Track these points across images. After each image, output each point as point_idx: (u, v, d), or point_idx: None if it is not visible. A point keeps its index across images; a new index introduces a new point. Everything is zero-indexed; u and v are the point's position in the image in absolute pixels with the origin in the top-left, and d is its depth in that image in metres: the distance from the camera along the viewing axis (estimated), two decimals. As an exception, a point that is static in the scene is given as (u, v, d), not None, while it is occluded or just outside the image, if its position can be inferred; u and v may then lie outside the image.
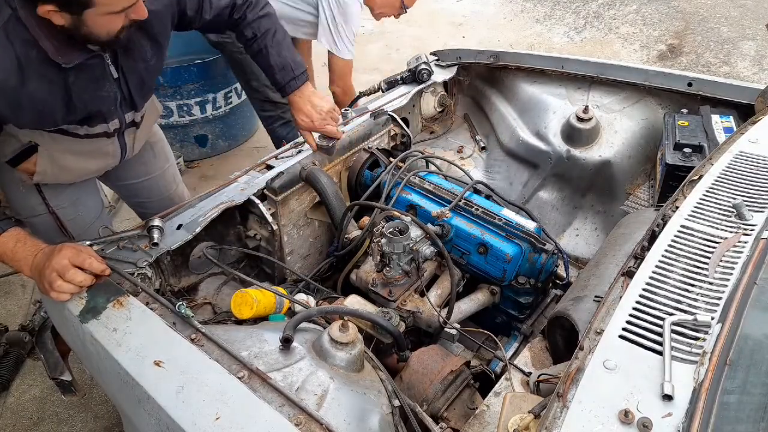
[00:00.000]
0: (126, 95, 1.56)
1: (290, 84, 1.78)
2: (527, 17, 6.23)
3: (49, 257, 1.28)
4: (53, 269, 1.26)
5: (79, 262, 1.28)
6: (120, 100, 1.55)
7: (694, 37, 5.27)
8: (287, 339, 1.17)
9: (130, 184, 2.03)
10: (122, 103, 1.57)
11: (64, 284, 1.26)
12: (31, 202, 1.71)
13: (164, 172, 2.10)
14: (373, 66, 4.86)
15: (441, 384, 1.34)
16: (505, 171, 2.46)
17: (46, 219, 1.74)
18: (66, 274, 1.26)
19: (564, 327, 1.37)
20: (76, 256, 1.28)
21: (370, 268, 1.68)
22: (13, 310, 2.77)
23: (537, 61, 2.46)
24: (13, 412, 2.33)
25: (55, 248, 1.31)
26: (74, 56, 1.34)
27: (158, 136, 2.06)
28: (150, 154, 2.01)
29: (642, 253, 1.21)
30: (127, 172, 1.97)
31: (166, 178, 2.11)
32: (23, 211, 1.74)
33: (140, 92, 1.61)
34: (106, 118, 1.57)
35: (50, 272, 1.26)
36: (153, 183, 2.06)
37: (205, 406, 1.04)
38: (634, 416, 0.87)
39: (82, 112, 1.47)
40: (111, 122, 1.59)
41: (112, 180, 1.99)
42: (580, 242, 2.28)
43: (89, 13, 1.22)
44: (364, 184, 2.00)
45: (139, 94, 1.61)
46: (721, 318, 0.99)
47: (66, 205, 1.76)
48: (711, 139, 1.91)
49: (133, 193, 2.08)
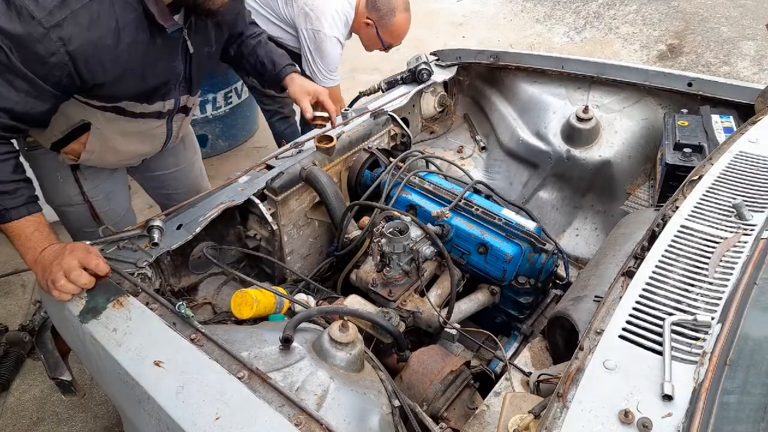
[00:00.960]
0: (188, 75, 1.60)
1: (285, 69, 1.86)
2: (527, 17, 6.23)
3: (59, 255, 1.28)
4: (60, 267, 1.26)
5: (87, 263, 1.28)
6: (182, 79, 1.60)
7: (694, 37, 5.27)
8: (287, 339, 1.17)
9: (159, 175, 2.08)
10: (182, 82, 1.61)
11: (68, 284, 1.26)
12: (68, 191, 1.74)
13: (193, 165, 2.16)
14: (373, 66, 4.87)
15: (441, 384, 1.34)
16: (505, 171, 2.46)
17: (80, 209, 1.78)
18: (71, 274, 1.26)
19: (564, 327, 1.37)
20: (85, 257, 1.29)
21: (370, 268, 1.68)
22: (13, 310, 2.78)
23: (537, 61, 2.47)
24: (13, 412, 2.33)
25: (66, 247, 1.31)
26: (171, 23, 1.39)
27: (188, 129, 2.11)
28: (181, 146, 2.05)
29: (642, 253, 1.21)
30: (159, 162, 2.01)
31: (194, 171, 2.18)
32: (58, 200, 1.78)
33: (199, 76, 1.66)
34: (164, 96, 1.60)
35: (57, 270, 1.26)
36: (182, 174, 2.12)
37: (205, 406, 1.03)
38: (634, 416, 0.87)
39: (152, 83, 1.51)
40: (167, 101, 1.63)
41: (142, 171, 2.04)
42: (580, 242, 2.28)
43: None
44: (364, 184, 2.00)
45: (197, 77, 1.65)
46: (721, 318, 0.99)
47: (100, 197, 1.80)
48: (711, 139, 1.91)
49: (161, 184, 2.13)
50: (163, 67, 1.50)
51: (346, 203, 1.85)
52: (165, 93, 1.60)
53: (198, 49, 1.57)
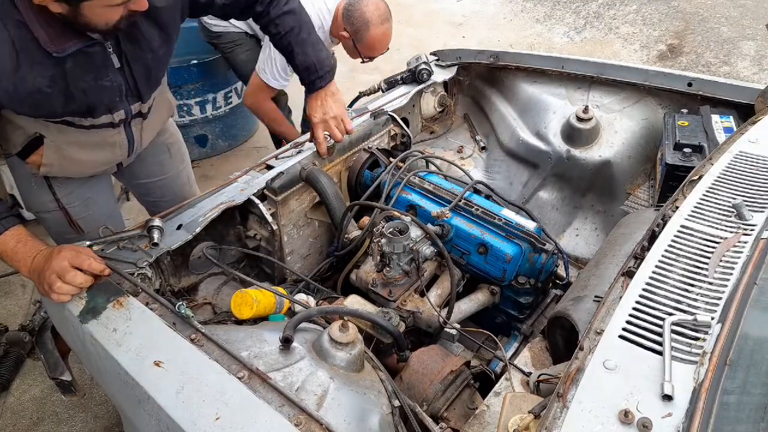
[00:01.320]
0: (131, 85, 1.52)
1: (314, 83, 1.81)
2: (527, 17, 6.23)
3: (48, 259, 1.28)
4: (53, 271, 1.25)
5: (78, 263, 1.28)
6: (125, 91, 1.52)
7: (694, 37, 5.27)
8: (287, 339, 1.17)
9: (144, 183, 2.04)
10: (127, 94, 1.54)
11: (64, 286, 1.26)
12: (42, 198, 1.71)
13: (179, 174, 2.10)
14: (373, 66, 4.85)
15: (441, 384, 1.34)
16: (505, 171, 2.46)
17: (56, 215, 1.74)
18: (66, 276, 1.25)
19: (564, 327, 1.37)
20: (75, 257, 1.28)
21: (370, 268, 1.68)
22: (13, 310, 2.78)
23: (537, 61, 2.46)
24: (13, 412, 2.33)
25: (53, 250, 1.30)
26: (70, 44, 1.29)
27: (175, 138, 2.06)
28: (166, 155, 2.02)
29: (642, 253, 1.21)
30: (142, 171, 1.98)
31: (181, 179, 2.12)
32: (34, 207, 1.75)
33: (146, 83, 1.57)
34: (110, 109, 1.53)
35: (50, 274, 1.26)
36: (167, 183, 2.07)
37: (205, 406, 1.03)
38: (634, 416, 0.87)
39: (81, 102, 1.43)
40: (116, 113, 1.56)
41: (127, 177, 2.01)
42: (580, 242, 2.28)
43: (86, 5, 1.20)
44: (364, 184, 2.00)
45: (145, 84, 1.57)
46: (721, 318, 0.99)
47: (77, 204, 1.76)
48: (711, 139, 1.91)
49: (147, 191, 2.09)
50: (88, 86, 1.40)
51: (346, 203, 1.85)
52: (109, 106, 1.52)
53: (137, 58, 1.47)
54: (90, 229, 1.77)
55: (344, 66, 3.15)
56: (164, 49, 1.55)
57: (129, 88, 1.52)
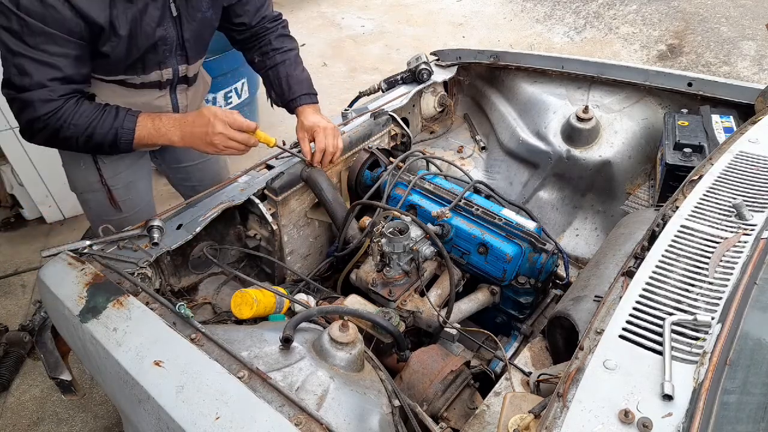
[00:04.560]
0: (181, 42, 1.62)
1: (299, 99, 1.85)
2: (527, 17, 6.24)
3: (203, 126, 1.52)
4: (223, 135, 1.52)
5: (231, 122, 1.52)
6: (176, 46, 1.62)
7: (694, 37, 5.27)
8: (287, 339, 1.17)
9: (185, 166, 2.12)
10: (177, 49, 1.63)
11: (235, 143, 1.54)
12: (89, 178, 1.80)
13: (218, 157, 2.18)
14: (373, 66, 4.86)
15: (441, 384, 1.34)
16: (505, 171, 2.46)
17: (99, 196, 1.84)
18: (238, 137, 1.52)
19: (564, 327, 1.37)
20: (230, 117, 1.52)
21: (370, 268, 1.68)
22: (13, 310, 2.78)
23: (537, 61, 2.47)
24: (13, 412, 2.33)
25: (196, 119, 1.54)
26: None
27: None
28: None
29: (642, 253, 1.21)
30: (184, 155, 2.07)
31: (219, 163, 2.22)
32: (80, 187, 1.85)
33: (194, 42, 1.67)
34: (160, 63, 1.63)
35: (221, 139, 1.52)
36: (207, 166, 2.16)
37: (205, 406, 1.03)
38: (634, 416, 0.87)
39: (143, 43, 1.53)
40: (164, 70, 1.65)
41: (168, 162, 2.08)
42: (580, 242, 2.28)
43: None
44: (364, 184, 2.00)
45: (193, 45, 1.67)
46: (721, 318, 0.99)
47: (120, 186, 1.84)
48: (711, 139, 1.92)
49: (186, 176, 2.16)
50: (150, 30, 1.52)
51: (346, 204, 1.85)
52: (160, 61, 1.62)
53: (188, 15, 1.59)
54: (128, 213, 1.88)
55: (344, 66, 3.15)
56: (211, 12, 1.67)
57: (179, 44, 1.63)
